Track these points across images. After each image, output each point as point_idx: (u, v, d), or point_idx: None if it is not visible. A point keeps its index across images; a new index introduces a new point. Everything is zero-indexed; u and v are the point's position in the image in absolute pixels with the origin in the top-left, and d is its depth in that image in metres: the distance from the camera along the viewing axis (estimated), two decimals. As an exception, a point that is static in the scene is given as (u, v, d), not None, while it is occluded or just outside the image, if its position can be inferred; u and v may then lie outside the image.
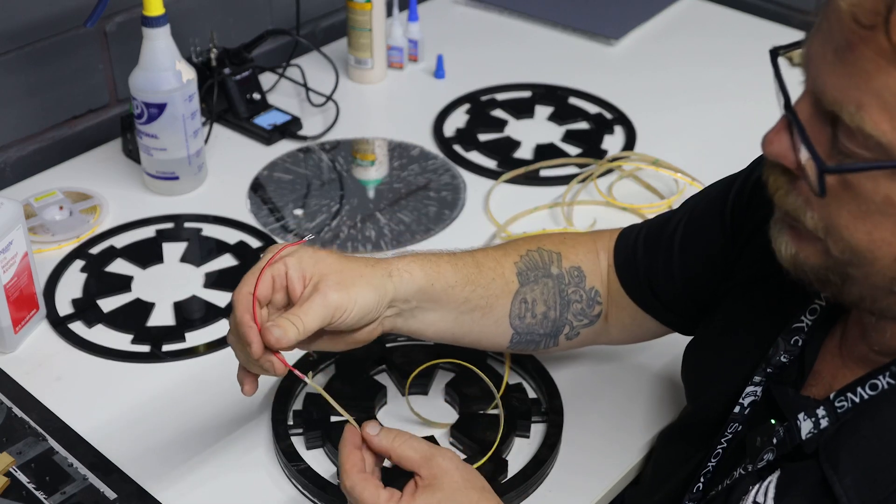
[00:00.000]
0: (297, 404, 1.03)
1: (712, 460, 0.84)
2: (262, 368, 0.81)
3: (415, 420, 1.02)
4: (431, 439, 0.99)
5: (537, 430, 1.02)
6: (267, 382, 1.05)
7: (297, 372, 0.81)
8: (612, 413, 1.05)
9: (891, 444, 0.70)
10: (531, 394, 1.05)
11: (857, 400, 0.72)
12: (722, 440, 0.83)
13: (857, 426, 0.72)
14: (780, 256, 0.72)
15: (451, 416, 1.03)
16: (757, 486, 0.77)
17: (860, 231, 0.65)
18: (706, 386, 0.90)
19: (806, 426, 0.74)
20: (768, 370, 0.81)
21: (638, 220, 1.30)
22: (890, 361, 0.72)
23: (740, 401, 0.82)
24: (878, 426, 0.71)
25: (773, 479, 0.76)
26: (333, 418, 1.01)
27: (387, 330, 0.88)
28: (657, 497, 0.92)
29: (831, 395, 0.74)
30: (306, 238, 0.87)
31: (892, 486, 0.69)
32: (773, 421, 0.78)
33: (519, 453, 0.99)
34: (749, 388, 0.82)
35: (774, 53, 0.70)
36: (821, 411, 0.74)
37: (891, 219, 0.64)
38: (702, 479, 0.84)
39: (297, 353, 1.05)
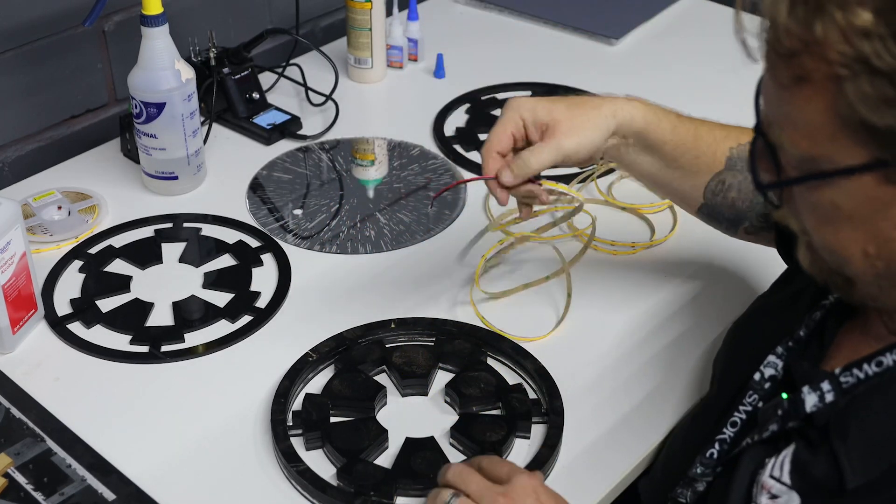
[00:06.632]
0: (297, 405, 1.03)
1: (729, 428, 0.86)
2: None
3: (414, 417, 1.02)
4: (431, 440, 0.99)
5: (538, 430, 1.01)
6: (266, 383, 1.05)
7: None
8: (613, 414, 1.04)
9: None
10: (531, 394, 1.05)
11: (861, 376, 0.74)
12: (740, 408, 0.85)
13: (868, 400, 0.74)
14: (799, 259, 0.77)
15: (451, 416, 1.03)
16: (773, 459, 0.78)
17: (828, 233, 0.70)
18: (735, 361, 0.92)
19: (811, 399, 0.76)
20: (790, 343, 0.84)
21: (638, 221, 1.31)
22: None
23: (761, 368, 0.85)
24: (888, 401, 0.73)
25: (787, 453, 0.77)
26: (333, 419, 1.01)
27: (607, 158, 1.01)
28: (671, 478, 0.92)
29: (837, 370, 0.76)
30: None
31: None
32: (784, 395, 0.80)
33: (519, 454, 0.99)
34: (771, 358, 0.84)
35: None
36: (825, 385, 0.76)
37: (844, 220, 0.68)
38: (716, 446, 0.86)
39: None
